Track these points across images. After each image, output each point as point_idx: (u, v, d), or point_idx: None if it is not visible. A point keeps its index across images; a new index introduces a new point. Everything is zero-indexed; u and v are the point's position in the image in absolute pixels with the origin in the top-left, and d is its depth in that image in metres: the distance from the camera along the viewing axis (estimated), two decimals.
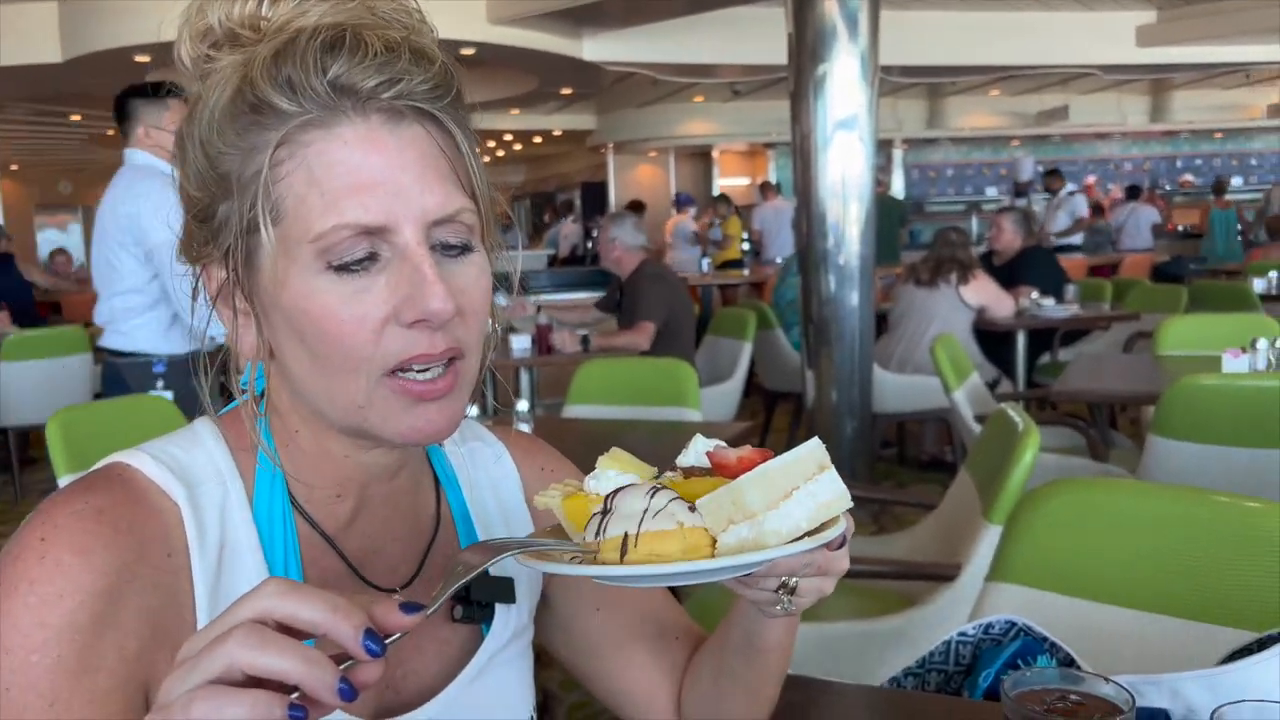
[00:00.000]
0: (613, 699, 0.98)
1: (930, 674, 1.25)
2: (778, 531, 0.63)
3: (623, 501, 0.65)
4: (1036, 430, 2.04)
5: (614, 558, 0.63)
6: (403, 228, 0.69)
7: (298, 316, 0.71)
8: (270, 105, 0.69)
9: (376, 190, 0.69)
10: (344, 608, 0.54)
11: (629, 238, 4.62)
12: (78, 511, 0.70)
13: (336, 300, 0.69)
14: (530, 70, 9.60)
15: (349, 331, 0.69)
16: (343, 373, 0.71)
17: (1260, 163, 16.87)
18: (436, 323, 0.70)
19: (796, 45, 4.86)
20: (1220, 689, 0.98)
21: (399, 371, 0.71)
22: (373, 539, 0.83)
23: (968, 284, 5.25)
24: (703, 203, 13.56)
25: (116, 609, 0.68)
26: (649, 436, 2.90)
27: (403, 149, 0.70)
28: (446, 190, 0.71)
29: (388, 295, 0.70)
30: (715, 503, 0.64)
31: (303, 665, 0.51)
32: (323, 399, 0.73)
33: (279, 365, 0.76)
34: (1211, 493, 1.44)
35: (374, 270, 0.70)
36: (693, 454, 0.71)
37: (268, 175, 0.69)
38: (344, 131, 0.69)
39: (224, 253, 0.73)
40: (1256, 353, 3.13)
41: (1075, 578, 1.46)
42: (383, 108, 0.70)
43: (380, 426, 0.73)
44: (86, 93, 9.62)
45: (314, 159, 0.69)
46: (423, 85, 0.71)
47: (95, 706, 0.66)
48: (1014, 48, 10.62)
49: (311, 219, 0.69)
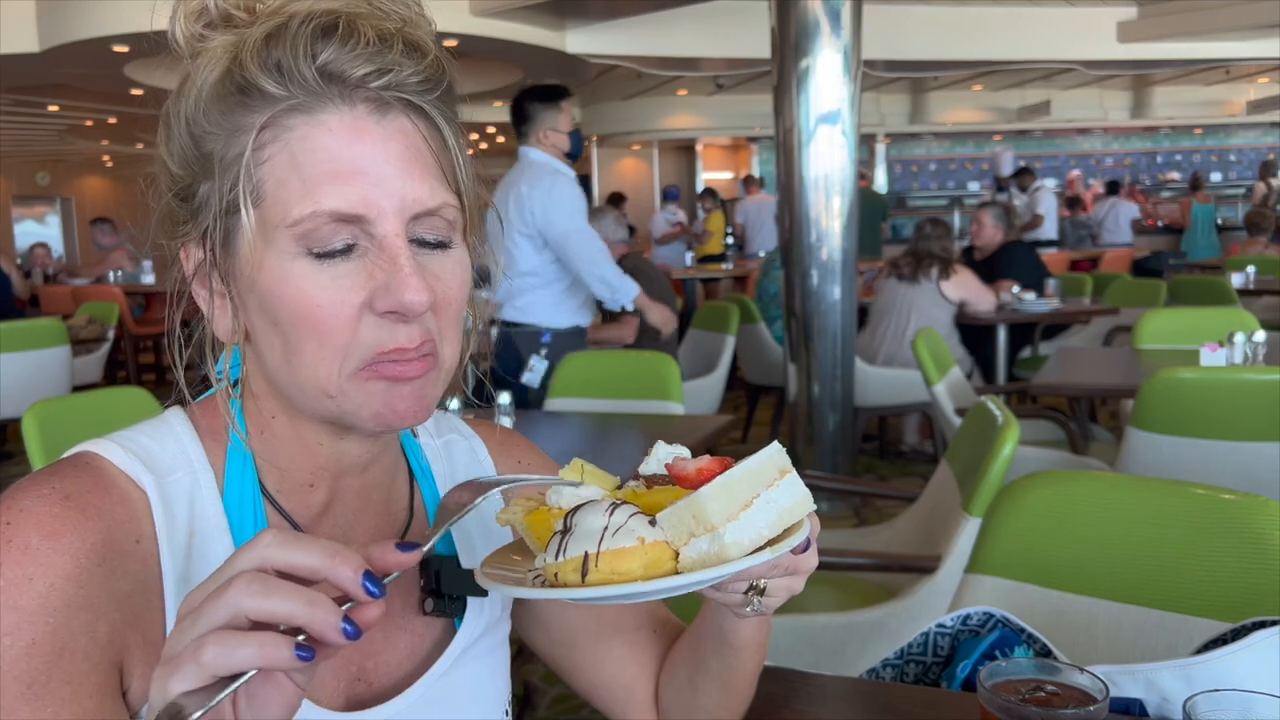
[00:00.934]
0: (592, 693, 0.98)
1: (909, 665, 1.25)
2: (739, 543, 0.63)
3: (583, 519, 0.65)
4: (1016, 423, 2.05)
5: (575, 579, 0.63)
6: (381, 219, 0.69)
7: (272, 300, 0.70)
8: (257, 88, 0.69)
9: (357, 179, 0.68)
10: (341, 552, 0.55)
11: (609, 232, 4.61)
12: (44, 496, 0.69)
13: (313, 285, 0.69)
14: (513, 63, 9.56)
15: (324, 317, 0.69)
16: (316, 360, 0.70)
17: (1239, 158, 17.00)
18: (411, 315, 0.69)
19: (779, 39, 4.86)
20: (1195, 679, 0.99)
21: (380, 362, 0.71)
22: (345, 530, 0.82)
23: (949, 279, 5.28)
24: (684, 197, 13.56)
25: (87, 591, 0.67)
26: (631, 430, 2.90)
27: (387, 139, 0.70)
28: (430, 184, 0.71)
29: (364, 281, 0.69)
30: (675, 516, 0.64)
31: (306, 607, 0.53)
32: (294, 386, 0.73)
33: (254, 350, 0.75)
34: (1189, 485, 1.45)
35: (352, 257, 0.70)
36: (654, 462, 0.71)
37: (250, 157, 0.69)
38: (328, 118, 0.69)
39: (202, 233, 0.73)
40: (1234, 347, 3.16)
41: (1053, 570, 1.46)
42: (370, 97, 0.70)
43: (352, 414, 0.72)
44: (64, 83, 9.53)
45: (297, 144, 0.69)
46: (413, 77, 0.71)
47: (72, 688, 0.65)
48: (997, 43, 10.65)
49: (291, 203, 0.68)
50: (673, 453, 0.70)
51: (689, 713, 0.92)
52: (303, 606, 0.53)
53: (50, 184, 18.06)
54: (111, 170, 18.29)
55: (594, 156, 17.26)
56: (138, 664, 0.71)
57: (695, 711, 0.91)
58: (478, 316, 0.82)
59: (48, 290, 9.15)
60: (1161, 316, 4.21)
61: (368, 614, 0.56)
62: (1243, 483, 1.48)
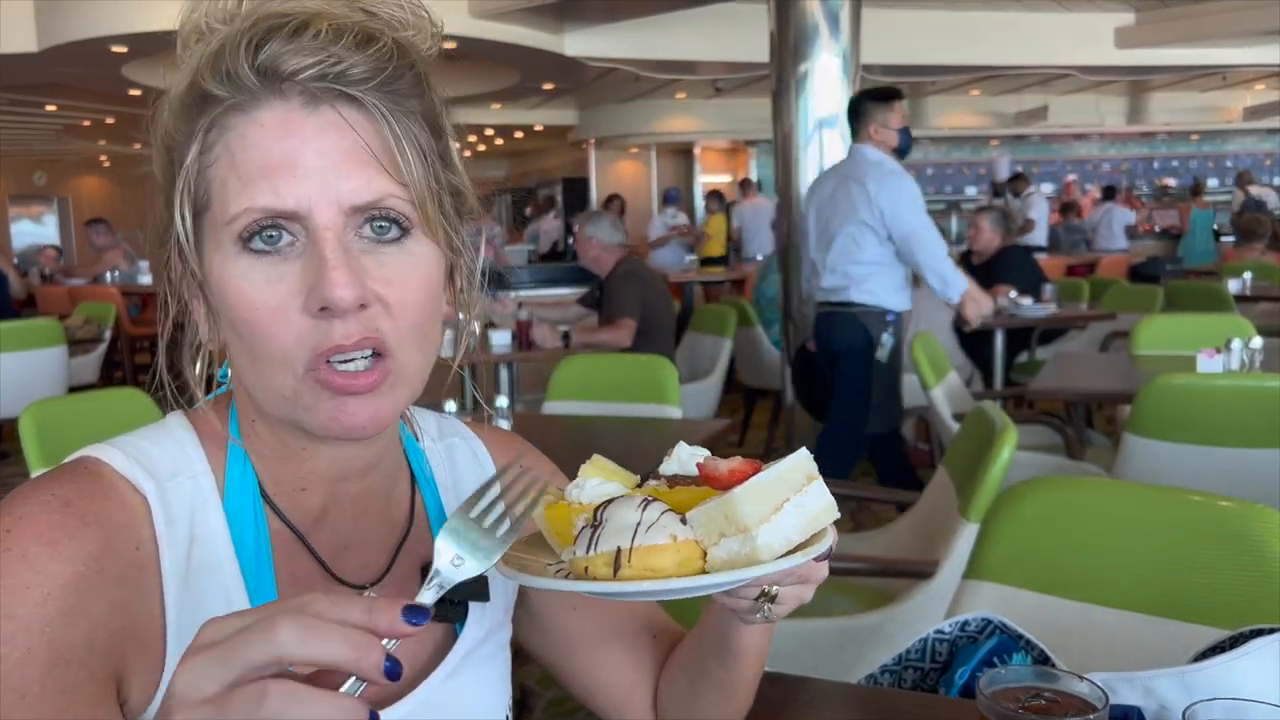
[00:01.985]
0: (590, 697, 0.97)
1: (907, 671, 1.25)
2: (770, 546, 0.63)
3: (615, 514, 0.64)
4: (1014, 429, 2.05)
5: (607, 573, 0.62)
6: (314, 212, 0.68)
7: (223, 303, 0.71)
8: (209, 94, 0.70)
9: (287, 173, 0.68)
10: (363, 645, 0.51)
11: (605, 235, 4.61)
12: (44, 503, 0.69)
13: (252, 287, 0.69)
14: (512, 65, 9.57)
15: (266, 320, 0.69)
16: (270, 362, 0.70)
17: (1235, 164, 17.01)
18: (338, 311, 0.68)
19: (778, 43, 4.87)
20: (1193, 687, 0.98)
21: (328, 360, 0.69)
22: (344, 535, 0.82)
23: None
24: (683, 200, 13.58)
25: (85, 601, 0.67)
26: (628, 433, 2.90)
27: (320, 132, 0.69)
28: (367, 175, 0.69)
29: (298, 284, 0.69)
30: (707, 516, 0.64)
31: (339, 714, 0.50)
32: (257, 390, 0.73)
33: (230, 355, 0.75)
34: (1186, 491, 1.45)
35: (290, 256, 0.69)
36: (676, 462, 0.70)
37: (195, 161, 0.70)
38: (261, 115, 0.69)
39: (174, 239, 0.73)
40: (1231, 353, 3.16)
41: (1051, 576, 1.46)
42: (302, 90, 0.69)
43: (305, 418, 0.72)
44: (62, 83, 9.52)
45: (236, 143, 0.69)
46: (355, 69, 0.69)
47: (67, 698, 0.65)
48: (994, 48, 10.68)
49: (228, 202, 0.69)
50: (694, 454, 0.70)
51: (688, 718, 0.92)
52: (334, 713, 0.50)
53: (47, 184, 18.04)
54: (109, 170, 18.27)
55: (591, 159, 17.26)
56: (136, 672, 0.70)
57: (694, 716, 0.91)
58: (469, 316, 0.81)
59: (44, 290, 9.14)
60: (1158, 322, 4.21)
61: (373, 692, 0.54)
62: (1240, 489, 1.48)
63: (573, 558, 0.65)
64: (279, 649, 0.50)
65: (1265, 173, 16.94)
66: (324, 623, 0.51)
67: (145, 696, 0.71)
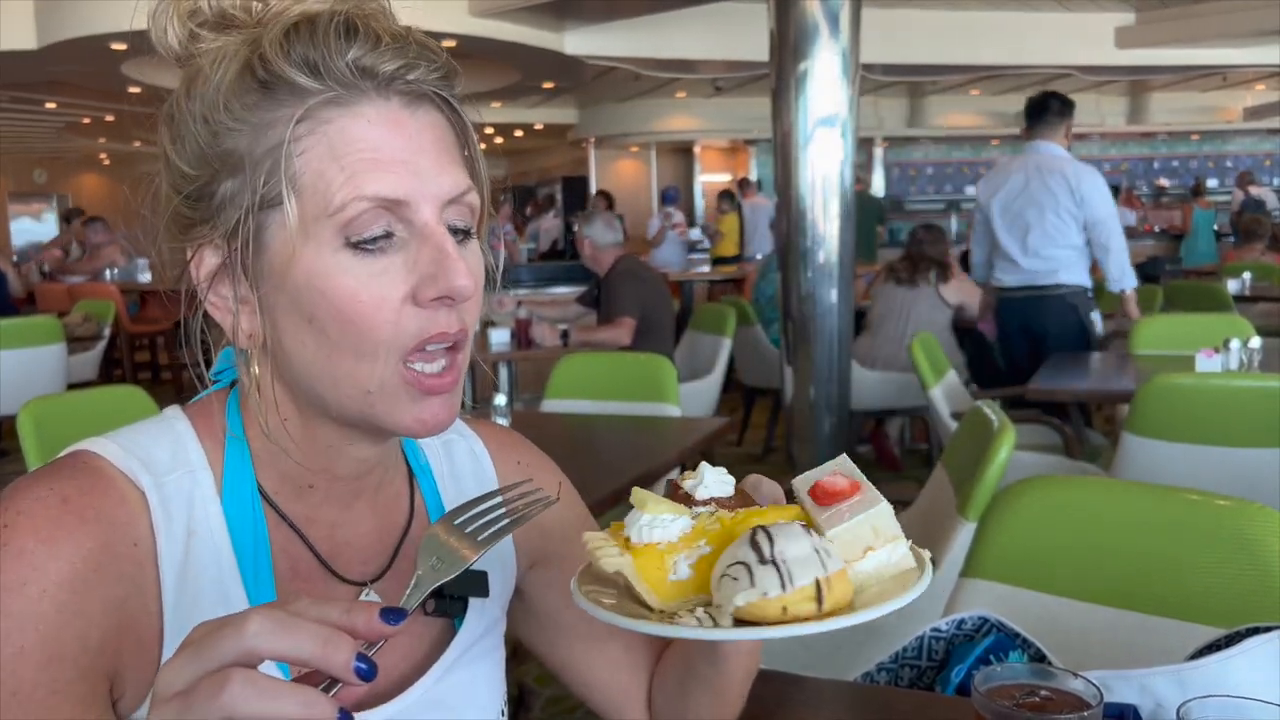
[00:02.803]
0: (588, 693, 0.97)
1: (903, 669, 1.26)
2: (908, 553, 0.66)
3: (787, 546, 0.60)
4: (1012, 428, 2.05)
5: (812, 608, 0.60)
6: (420, 205, 0.70)
7: (312, 297, 0.70)
8: (288, 82, 0.69)
9: (397, 168, 0.69)
10: (332, 640, 0.52)
11: (601, 235, 4.61)
12: (42, 498, 0.69)
13: (355, 281, 0.69)
14: (511, 63, 9.56)
15: (367, 313, 0.69)
16: (357, 356, 0.70)
17: (1236, 164, 17.01)
18: (459, 299, 0.71)
19: (778, 42, 4.86)
20: (1189, 684, 0.99)
21: (411, 361, 0.71)
22: (344, 531, 0.82)
23: (947, 282, 5.29)
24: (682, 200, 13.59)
25: (81, 598, 0.67)
26: (628, 432, 2.90)
27: (421, 131, 0.71)
28: (458, 173, 0.73)
29: (405, 275, 0.70)
30: (850, 532, 0.64)
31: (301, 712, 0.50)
32: (328, 385, 0.72)
33: (276, 351, 0.74)
34: (1183, 491, 1.45)
35: (391, 251, 0.70)
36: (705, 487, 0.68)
37: (289, 148, 0.69)
38: (366, 110, 0.70)
39: (225, 233, 0.71)
40: (1229, 353, 3.16)
41: (1048, 574, 1.47)
42: (403, 90, 0.71)
43: (386, 415, 0.72)
44: (62, 80, 9.51)
45: (335, 135, 0.69)
46: (434, 73, 0.72)
47: (59, 697, 0.65)
48: (995, 48, 10.67)
49: (331, 193, 0.69)
50: (719, 474, 0.69)
51: (678, 717, 0.92)
52: (298, 712, 0.50)
53: (47, 181, 18.03)
54: (109, 168, 18.25)
55: (591, 158, 17.26)
56: (131, 669, 0.70)
57: (684, 715, 0.91)
58: None
59: (43, 288, 9.13)
60: (1158, 322, 4.22)
61: (354, 692, 0.54)
62: (1238, 488, 1.48)
63: (749, 600, 0.59)
64: (247, 641, 0.51)
65: (1266, 173, 16.94)
66: (295, 619, 0.52)
67: (139, 694, 0.71)
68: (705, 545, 0.65)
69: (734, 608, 0.59)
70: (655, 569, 0.64)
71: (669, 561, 0.64)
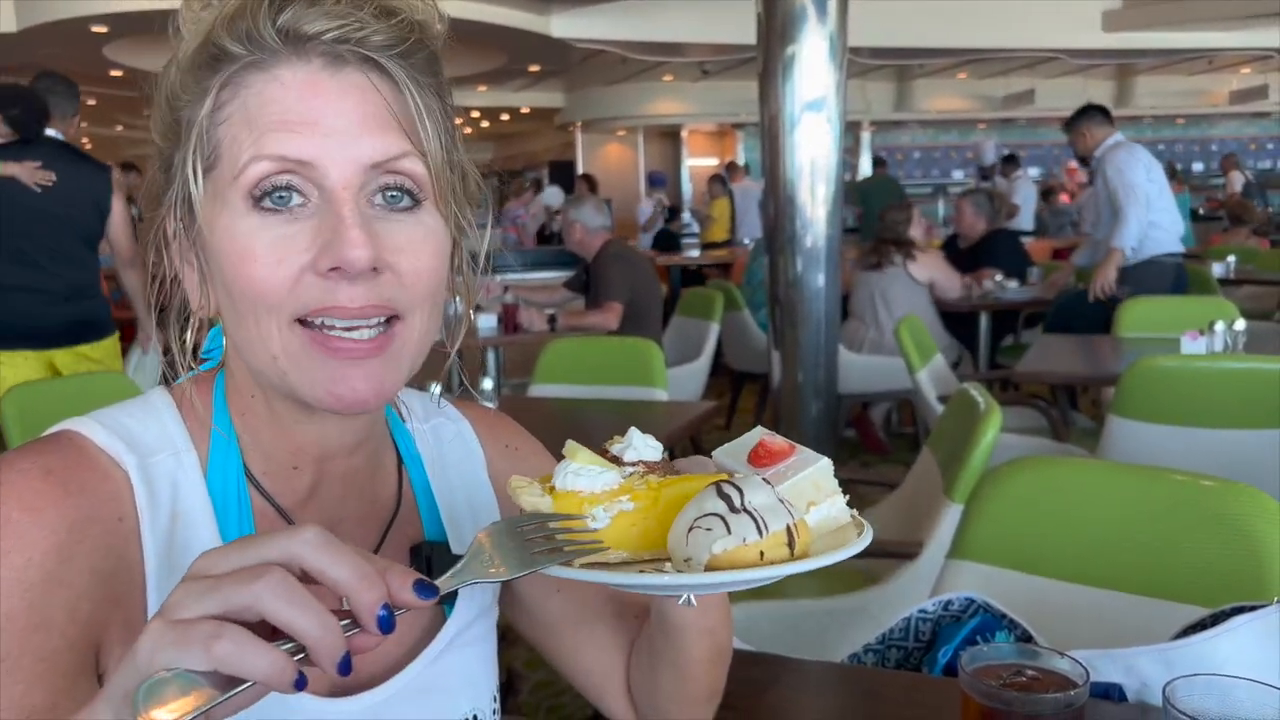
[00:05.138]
0: (574, 676, 0.98)
1: (890, 650, 1.26)
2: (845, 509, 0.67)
3: (754, 495, 0.61)
4: (998, 410, 2.06)
5: (785, 553, 0.60)
6: (330, 169, 0.68)
7: (220, 260, 0.69)
8: (225, 52, 0.69)
9: (307, 129, 0.67)
10: (370, 576, 0.53)
11: (589, 219, 4.60)
12: (24, 471, 0.69)
13: (256, 243, 0.68)
14: (498, 46, 9.52)
15: (262, 273, 0.68)
16: (255, 318, 0.69)
17: (1221, 148, 17.08)
18: (352, 272, 0.67)
19: (765, 25, 4.84)
20: (1174, 663, 0.99)
21: (313, 322, 0.68)
22: (332, 515, 0.82)
23: (913, 260, 5.30)
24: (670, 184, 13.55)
25: (67, 568, 0.67)
26: (616, 416, 2.90)
27: (343, 93, 0.69)
28: (387, 138, 0.69)
29: (309, 242, 0.68)
30: (797, 488, 0.65)
31: (320, 631, 0.51)
32: (246, 351, 0.72)
33: (223, 322, 0.74)
34: (1169, 471, 1.46)
35: (302, 217, 0.68)
36: (634, 448, 0.69)
37: (208, 117, 0.69)
38: (282, 73, 0.68)
39: (175, 201, 0.72)
40: (1214, 335, 3.18)
41: (1034, 555, 1.47)
42: (325, 51, 0.69)
43: (298, 383, 0.70)
44: (42, 64, 9.41)
45: (251, 100, 0.68)
46: (377, 36, 0.69)
47: (45, 665, 0.65)
48: (982, 31, 10.68)
49: (239, 155, 0.68)
50: (648, 440, 0.69)
51: (650, 696, 0.92)
52: (316, 629, 0.51)
53: None
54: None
55: (578, 142, 17.21)
56: (116, 644, 0.70)
57: (655, 695, 0.91)
58: (469, 300, 0.81)
59: None
60: (1143, 305, 4.23)
61: (366, 643, 0.54)
62: (1222, 469, 1.49)
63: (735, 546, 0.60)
64: (296, 546, 0.53)
65: (1251, 156, 17.01)
66: (345, 546, 0.54)
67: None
68: (628, 501, 0.66)
69: (710, 556, 0.60)
70: (573, 509, 0.65)
71: (588, 510, 0.65)
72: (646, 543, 0.66)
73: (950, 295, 5.37)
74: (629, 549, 0.66)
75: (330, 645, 0.52)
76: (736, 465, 0.69)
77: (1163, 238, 5.02)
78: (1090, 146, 5.12)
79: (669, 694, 0.89)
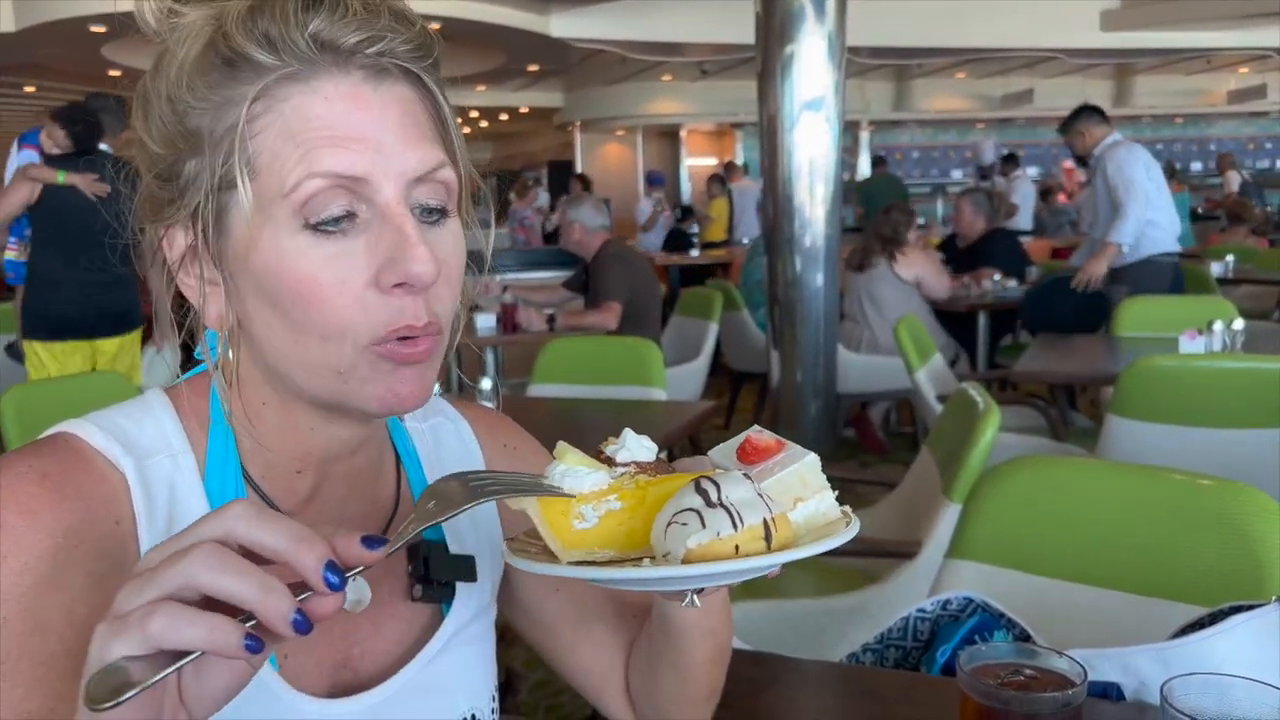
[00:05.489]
0: (573, 676, 0.97)
1: (889, 650, 1.26)
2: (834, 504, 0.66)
3: (732, 490, 0.62)
4: (997, 409, 2.06)
5: (761, 546, 0.61)
6: (383, 184, 0.67)
7: (271, 280, 0.68)
8: (246, 58, 0.67)
9: (356, 145, 0.67)
10: (307, 538, 0.53)
11: (589, 219, 4.59)
12: (20, 474, 0.68)
13: (313, 263, 0.67)
14: (497, 46, 9.52)
15: (329, 297, 0.67)
16: (324, 339, 0.68)
17: (1219, 148, 17.08)
18: (419, 286, 0.67)
19: (764, 25, 4.85)
20: (1172, 662, 1.00)
21: (394, 339, 0.69)
22: (331, 516, 0.81)
23: (897, 260, 5.27)
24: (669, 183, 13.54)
25: (63, 572, 0.66)
26: (614, 416, 2.90)
27: (385, 106, 0.68)
28: (427, 148, 0.69)
29: (368, 258, 0.67)
30: (782, 484, 0.65)
31: (260, 593, 0.51)
32: (297, 367, 0.71)
33: (247, 334, 0.73)
34: (1167, 471, 1.46)
35: (352, 232, 0.67)
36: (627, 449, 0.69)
37: (244, 129, 0.67)
38: (324, 86, 0.67)
39: (190, 213, 0.70)
40: (1213, 334, 3.18)
41: (1032, 554, 1.47)
42: (365, 64, 0.68)
43: (357, 394, 0.70)
44: (41, 63, 9.42)
45: (291, 113, 0.67)
46: (405, 45, 0.69)
47: (43, 669, 0.64)
48: (981, 30, 10.68)
49: (286, 172, 0.66)
50: (642, 441, 0.69)
51: (650, 696, 0.91)
52: (256, 591, 0.50)
53: None
54: None
55: (577, 142, 17.20)
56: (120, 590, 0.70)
57: (655, 695, 0.91)
58: (466, 300, 0.81)
59: None
60: (1141, 304, 4.23)
61: (323, 606, 0.52)
62: (1220, 469, 1.49)
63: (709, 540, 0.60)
64: (226, 522, 0.53)
65: (1249, 156, 17.02)
66: (277, 516, 0.53)
67: None
68: (616, 501, 0.66)
69: (686, 550, 0.60)
70: (561, 515, 0.65)
71: (576, 508, 0.65)
72: (634, 541, 0.66)
73: (938, 295, 5.33)
74: (617, 548, 0.66)
75: (276, 606, 0.51)
76: (729, 464, 0.69)
77: (1160, 237, 5.01)
78: (1089, 146, 5.13)
79: (669, 694, 0.89)
